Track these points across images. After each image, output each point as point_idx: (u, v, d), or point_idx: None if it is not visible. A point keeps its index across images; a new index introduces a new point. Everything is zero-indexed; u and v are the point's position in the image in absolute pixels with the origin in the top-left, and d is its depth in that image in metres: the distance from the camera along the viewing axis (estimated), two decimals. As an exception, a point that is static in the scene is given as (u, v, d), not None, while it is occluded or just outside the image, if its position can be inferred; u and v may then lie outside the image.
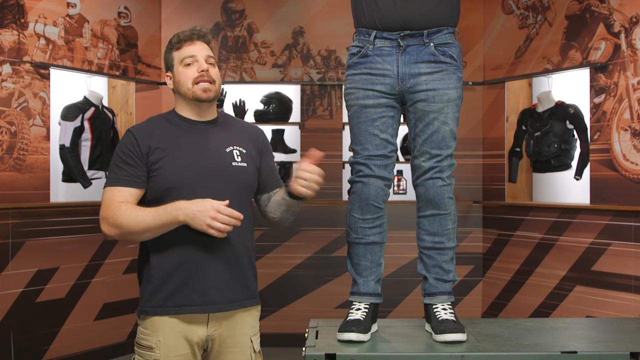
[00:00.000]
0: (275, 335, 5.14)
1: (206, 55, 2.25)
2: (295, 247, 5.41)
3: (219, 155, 2.23)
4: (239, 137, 2.31)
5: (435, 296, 2.27)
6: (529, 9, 5.04)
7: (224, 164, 2.23)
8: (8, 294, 4.22)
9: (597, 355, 2.01)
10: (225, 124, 2.33)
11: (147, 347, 2.19)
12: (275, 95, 5.44)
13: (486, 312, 5.36)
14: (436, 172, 2.24)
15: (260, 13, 5.50)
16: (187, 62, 2.24)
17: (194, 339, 2.20)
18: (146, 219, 2.10)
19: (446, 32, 2.25)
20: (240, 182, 2.24)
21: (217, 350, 2.24)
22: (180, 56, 2.25)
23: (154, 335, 2.18)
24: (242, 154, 2.27)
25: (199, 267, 2.18)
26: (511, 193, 5.20)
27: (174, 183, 2.17)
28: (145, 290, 2.24)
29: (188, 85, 2.22)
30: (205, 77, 2.21)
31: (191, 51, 2.24)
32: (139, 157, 2.18)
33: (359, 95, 2.27)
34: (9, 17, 4.24)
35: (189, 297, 2.17)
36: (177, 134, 2.23)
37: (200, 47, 2.25)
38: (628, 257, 4.20)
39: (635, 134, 4.14)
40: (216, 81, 2.25)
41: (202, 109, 2.27)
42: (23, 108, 4.31)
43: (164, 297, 2.19)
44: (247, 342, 2.28)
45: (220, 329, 2.23)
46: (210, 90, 2.22)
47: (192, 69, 2.23)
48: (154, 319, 2.20)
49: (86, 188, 4.70)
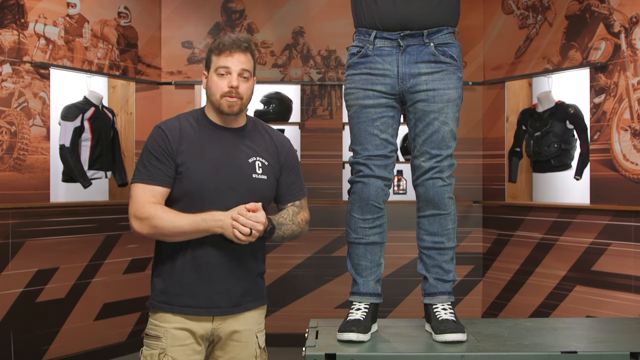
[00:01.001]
0: (275, 335, 5.12)
1: (241, 69, 2.25)
2: (295, 247, 5.40)
3: (242, 165, 2.28)
4: (264, 147, 2.35)
5: (435, 296, 2.27)
6: (529, 9, 5.04)
7: (245, 175, 2.27)
8: (8, 294, 4.22)
9: (597, 355, 2.01)
10: (254, 132, 2.36)
11: (155, 336, 2.27)
12: (275, 95, 5.45)
13: (486, 312, 5.36)
14: (436, 172, 2.24)
15: (260, 13, 5.50)
16: (221, 72, 2.25)
17: (199, 332, 2.27)
18: (183, 225, 2.16)
19: (446, 32, 2.25)
20: (257, 193, 2.28)
21: (223, 342, 2.31)
22: (216, 64, 2.26)
23: (162, 326, 2.26)
24: (264, 165, 2.31)
25: (207, 272, 2.24)
26: (511, 193, 5.20)
27: (193, 189, 2.22)
28: (156, 286, 2.30)
29: (216, 96, 2.26)
30: (234, 93, 2.24)
31: (227, 62, 2.25)
32: (170, 155, 2.22)
33: (359, 95, 2.26)
34: (9, 17, 4.24)
35: (195, 299, 2.24)
36: (205, 139, 2.27)
37: (236, 60, 2.25)
38: (628, 257, 4.20)
39: (635, 134, 4.14)
40: (244, 97, 2.27)
41: (228, 119, 2.30)
42: (23, 108, 4.31)
43: (171, 296, 2.26)
44: (253, 338, 2.34)
45: (225, 324, 2.29)
46: (235, 106, 2.26)
47: (223, 81, 2.25)
48: (162, 313, 2.27)
49: (86, 188, 4.70)
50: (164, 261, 2.27)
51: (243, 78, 2.26)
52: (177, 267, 2.25)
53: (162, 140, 2.23)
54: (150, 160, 2.22)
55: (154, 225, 2.17)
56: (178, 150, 2.22)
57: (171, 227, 2.16)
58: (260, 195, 2.28)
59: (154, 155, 2.22)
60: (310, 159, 5.42)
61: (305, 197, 2.46)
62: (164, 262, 2.27)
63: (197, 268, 2.23)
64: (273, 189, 2.35)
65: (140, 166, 2.25)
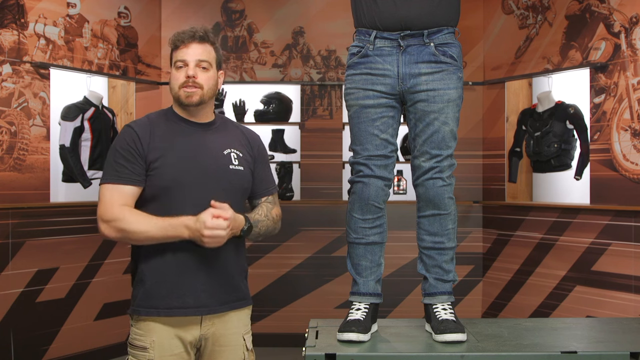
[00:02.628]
0: (275, 335, 5.14)
1: (197, 60, 2.23)
2: (295, 247, 5.40)
3: (217, 156, 2.24)
4: (236, 140, 2.32)
5: (435, 296, 2.27)
6: (529, 9, 5.04)
7: (222, 166, 2.24)
8: (8, 294, 4.22)
9: (597, 355, 2.01)
10: (223, 127, 2.35)
11: (141, 347, 2.19)
12: (275, 95, 5.44)
13: (486, 312, 5.36)
14: (436, 172, 2.24)
15: (260, 13, 5.50)
16: (178, 65, 2.24)
17: (188, 338, 2.21)
18: (151, 230, 2.11)
19: (446, 32, 2.25)
20: (237, 185, 2.26)
21: (210, 349, 2.26)
22: (174, 58, 2.26)
23: (147, 336, 2.19)
24: (239, 157, 2.29)
25: (190, 270, 2.19)
26: (511, 193, 5.20)
27: (172, 182, 2.17)
28: (138, 292, 2.23)
29: (175, 89, 2.24)
30: (190, 82, 2.21)
31: (183, 55, 2.24)
32: (139, 154, 2.17)
33: (359, 95, 2.26)
34: (9, 17, 4.24)
35: (181, 300, 2.18)
36: (176, 134, 2.24)
37: (193, 51, 2.23)
38: (628, 257, 4.20)
39: (635, 134, 4.14)
40: (204, 86, 2.23)
41: (191, 112, 2.27)
42: (23, 108, 4.31)
43: (156, 299, 2.19)
44: (240, 341, 2.30)
45: (213, 328, 2.24)
46: (194, 96, 2.22)
47: (181, 73, 2.23)
48: (147, 320, 2.20)
49: (86, 188, 4.70)
50: (145, 265, 2.20)
51: (201, 69, 2.23)
52: (159, 270, 2.18)
53: (131, 139, 2.18)
54: (118, 160, 2.17)
55: (121, 229, 2.12)
56: (150, 147, 2.18)
57: (138, 232, 2.11)
58: (240, 187, 2.26)
59: (122, 155, 2.17)
60: (310, 159, 5.42)
61: (276, 193, 2.44)
62: (144, 266, 2.20)
63: (180, 268, 2.18)
64: (250, 181, 2.32)
65: (107, 167, 2.20)
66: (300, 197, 5.39)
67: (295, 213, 5.29)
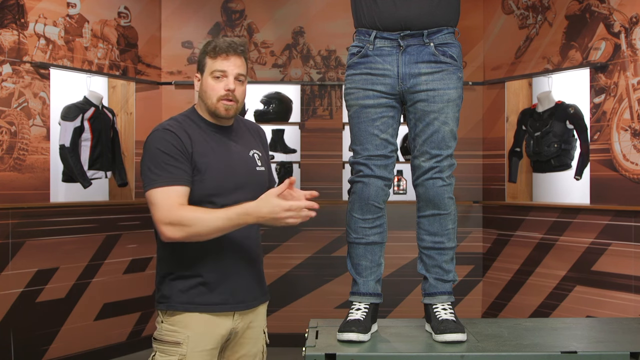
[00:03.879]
0: (275, 335, 5.12)
1: (237, 73, 2.23)
2: (295, 247, 5.40)
3: (247, 160, 2.30)
4: (253, 139, 2.39)
5: (435, 296, 2.27)
6: (529, 9, 5.04)
7: (252, 169, 2.30)
8: (8, 294, 4.22)
9: (597, 355, 2.01)
10: (239, 126, 2.38)
11: (174, 342, 2.19)
12: (275, 95, 5.45)
13: (486, 312, 5.36)
14: (436, 172, 2.24)
15: (260, 13, 5.50)
16: (217, 75, 2.22)
17: (222, 333, 2.24)
18: (218, 223, 2.09)
19: (446, 32, 2.25)
20: (262, 185, 2.30)
21: (234, 342, 2.30)
22: (212, 67, 2.23)
23: (182, 332, 2.19)
24: (260, 157, 2.35)
25: (227, 266, 2.23)
26: (511, 193, 5.20)
27: (215, 190, 2.20)
28: (174, 287, 2.22)
29: (213, 99, 2.23)
30: (230, 96, 2.22)
31: (223, 65, 2.22)
32: (186, 155, 2.17)
33: (359, 95, 2.27)
34: (9, 17, 4.24)
35: (221, 296, 2.22)
36: (208, 138, 2.25)
37: (233, 64, 2.22)
38: (628, 257, 4.20)
39: (635, 134, 4.14)
40: (240, 100, 2.26)
41: (222, 120, 2.29)
42: (23, 108, 4.31)
43: (195, 295, 2.21)
44: (261, 335, 2.37)
45: (242, 322, 2.29)
46: (232, 110, 2.25)
47: (219, 85, 2.22)
48: (183, 315, 2.21)
49: (86, 188, 4.70)
50: (182, 263, 2.22)
51: (238, 82, 2.24)
52: (198, 266, 2.20)
53: (175, 141, 2.16)
54: (166, 162, 2.13)
55: (188, 227, 2.09)
56: (194, 151, 2.18)
57: (205, 227, 2.09)
58: (263, 186, 2.29)
59: (169, 156, 2.14)
60: (310, 159, 5.42)
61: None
62: (182, 264, 2.22)
63: (220, 264, 2.21)
64: (269, 179, 2.39)
65: (155, 170, 2.14)
66: (300, 197, 5.38)
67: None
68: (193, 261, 2.21)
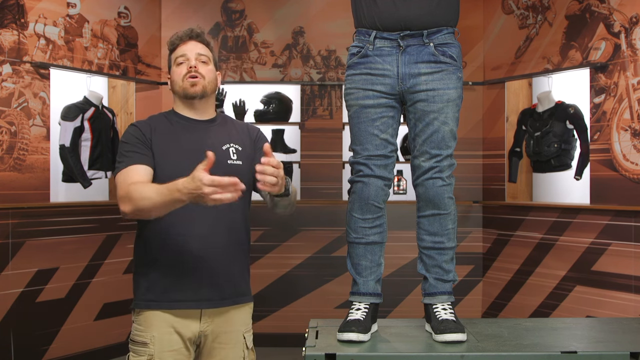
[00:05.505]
0: (275, 335, 5.14)
1: (197, 53, 2.30)
2: (295, 247, 5.40)
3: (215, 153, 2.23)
4: (236, 135, 2.35)
5: (435, 296, 2.27)
6: (529, 9, 5.04)
7: (220, 162, 2.21)
8: (8, 294, 4.22)
9: (597, 355, 2.01)
10: (224, 123, 2.38)
11: (142, 342, 2.21)
12: (275, 95, 5.45)
13: (486, 312, 5.36)
14: (436, 172, 2.24)
15: (260, 13, 5.50)
16: (179, 61, 2.31)
17: (187, 334, 2.23)
18: (152, 196, 2.06)
19: (446, 32, 2.25)
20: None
21: (209, 346, 2.27)
22: (174, 56, 2.33)
23: (147, 331, 2.21)
24: (238, 151, 2.31)
25: (192, 263, 2.21)
26: (511, 193, 5.20)
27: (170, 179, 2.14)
28: (141, 285, 2.26)
29: (179, 82, 2.30)
30: (193, 72, 2.27)
31: (183, 50, 2.31)
32: (146, 145, 2.23)
33: (359, 95, 2.27)
34: (9, 17, 4.24)
35: (183, 293, 2.21)
36: (176, 131, 2.28)
37: (192, 46, 2.31)
38: (628, 257, 4.20)
39: (635, 134, 4.14)
40: (206, 77, 2.29)
41: (197, 106, 2.31)
42: (23, 108, 4.31)
43: (159, 291, 2.21)
44: (240, 338, 2.31)
45: (213, 325, 2.26)
46: (198, 85, 2.27)
47: (183, 67, 2.30)
48: (147, 313, 2.22)
49: (86, 188, 4.70)
50: (147, 258, 2.23)
51: (201, 62, 2.30)
52: (161, 262, 2.21)
53: (136, 133, 2.25)
54: (126, 150, 2.22)
55: (131, 200, 2.09)
56: (153, 142, 2.24)
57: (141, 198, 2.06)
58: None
59: (129, 144, 2.23)
60: (310, 159, 5.42)
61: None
62: (146, 259, 2.24)
63: (182, 262, 2.20)
64: (250, 175, 2.25)
65: (118, 159, 2.25)
66: (300, 197, 5.39)
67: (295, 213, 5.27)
68: (156, 259, 2.22)
